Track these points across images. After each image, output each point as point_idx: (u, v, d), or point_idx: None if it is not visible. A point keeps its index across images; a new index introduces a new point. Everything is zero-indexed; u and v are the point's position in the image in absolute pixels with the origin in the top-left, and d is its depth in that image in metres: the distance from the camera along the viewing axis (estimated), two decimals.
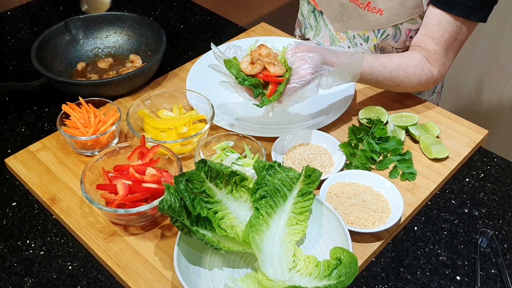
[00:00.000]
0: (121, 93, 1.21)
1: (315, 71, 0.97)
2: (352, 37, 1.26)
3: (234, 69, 0.96)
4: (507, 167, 1.09)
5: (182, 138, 1.03)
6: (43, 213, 0.98)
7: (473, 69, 2.21)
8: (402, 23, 1.17)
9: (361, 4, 1.18)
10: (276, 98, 0.95)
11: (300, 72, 0.96)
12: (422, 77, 1.13)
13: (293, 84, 0.96)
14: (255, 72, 0.95)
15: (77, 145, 1.05)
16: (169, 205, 0.80)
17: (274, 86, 0.96)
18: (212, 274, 0.85)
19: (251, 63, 0.96)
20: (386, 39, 1.21)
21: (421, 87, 1.16)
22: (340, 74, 1.01)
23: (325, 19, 1.30)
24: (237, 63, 0.98)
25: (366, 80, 1.10)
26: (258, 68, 0.95)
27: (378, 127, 1.10)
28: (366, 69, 1.07)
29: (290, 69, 0.97)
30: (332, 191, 0.98)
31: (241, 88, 0.98)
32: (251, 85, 0.95)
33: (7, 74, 1.34)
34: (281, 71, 0.96)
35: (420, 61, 1.13)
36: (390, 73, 1.10)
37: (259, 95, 0.96)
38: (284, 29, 1.49)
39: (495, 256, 0.92)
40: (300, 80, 0.96)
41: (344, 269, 0.79)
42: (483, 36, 2.08)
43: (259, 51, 0.98)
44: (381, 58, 1.10)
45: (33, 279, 0.88)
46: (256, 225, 0.83)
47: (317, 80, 0.97)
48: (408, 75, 1.12)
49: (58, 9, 1.60)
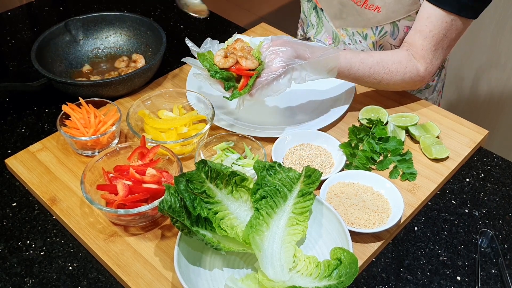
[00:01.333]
0: (121, 94, 1.21)
1: (286, 64, 0.98)
2: (352, 34, 1.26)
3: (207, 63, 0.98)
4: (507, 167, 1.09)
5: (182, 138, 1.03)
6: (43, 214, 0.98)
7: (474, 68, 2.21)
8: (400, 20, 1.17)
9: (358, 2, 1.18)
10: (246, 91, 0.97)
11: (272, 66, 0.98)
12: (405, 74, 1.12)
13: (264, 77, 0.97)
14: (228, 66, 0.98)
15: (77, 145, 1.05)
16: (169, 205, 0.80)
17: (245, 80, 0.98)
18: (212, 275, 0.85)
19: (225, 56, 0.98)
20: (384, 36, 1.21)
21: (406, 85, 1.15)
22: (314, 69, 1.02)
23: (325, 16, 1.30)
24: (211, 57, 1.00)
25: (344, 76, 1.09)
26: (231, 61, 0.98)
27: (378, 127, 1.10)
28: (343, 64, 1.07)
29: (262, 63, 0.99)
30: (332, 191, 0.98)
31: (214, 81, 1.00)
32: (223, 78, 0.97)
33: (7, 75, 1.35)
34: (253, 64, 0.98)
35: (404, 58, 1.12)
36: (370, 69, 1.09)
37: (230, 88, 0.98)
38: (284, 29, 1.49)
39: (496, 256, 0.92)
40: (270, 73, 0.97)
41: (344, 269, 0.79)
42: (483, 34, 2.08)
43: (234, 45, 1.00)
44: (360, 54, 1.10)
45: (33, 280, 0.88)
46: (256, 225, 0.83)
47: (289, 74, 0.99)
48: (390, 71, 1.11)
49: (58, 9, 1.60)
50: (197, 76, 1.02)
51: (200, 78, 1.02)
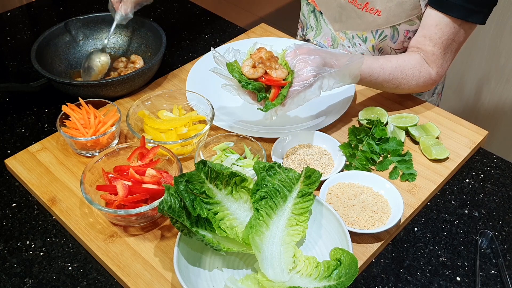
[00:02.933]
0: (121, 94, 1.21)
1: (317, 73, 0.96)
2: (351, 37, 1.26)
3: (236, 73, 0.96)
4: (507, 168, 1.09)
5: (182, 139, 1.03)
6: (43, 214, 0.98)
7: (473, 69, 2.21)
8: (400, 24, 1.17)
9: (359, 5, 1.18)
10: (280, 101, 0.94)
11: (303, 75, 0.96)
12: (420, 79, 1.13)
13: (296, 87, 0.95)
14: (257, 76, 0.96)
15: (77, 146, 1.05)
16: (169, 206, 0.80)
17: (276, 90, 0.96)
18: (212, 275, 0.85)
19: (253, 66, 0.96)
20: (384, 39, 1.21)
21: (419, 89, 1.16)
22: (341, 76, 1.01)
23: (324, 19, 1.30)
24: (238, 66, 0.98)
25: (365, 82, 1.10)
26: (260, 71, 0.95)
27: (378, 128, 1.10)
28: (365, 70, 1.07)
29: (292, 72, 0.97)
30: (332, 192, 0.98)
31: (243, 92, 0.98)
32: (255, 89, 0.95)
33: (7, 75, 1.35)
34: (283, 74, 0.96)
35: (418, 63, 1.13)
36: (389, 75, 1.10)
37: (263, 99, 0.96)
38: (284, 29, 1.49)
39: (495, 257, 0.92)
40: (302, 83, 0.95)
41: (344, 270, 0.79)
42: (483, 36, 2.08)
43: (260, 54, 0.98)
44: (380, 59, 1.10)
45: (33, 280, 0.88)
46: (256, 226, 0.83)
47: (319, 82, 0.97)
48: (407, 76, 1.12)
49: (58, 10, 1.60)
50: (225, 87, 0.99)
51: (228, 89, 0.99)
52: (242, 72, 0.97)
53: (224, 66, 0.98)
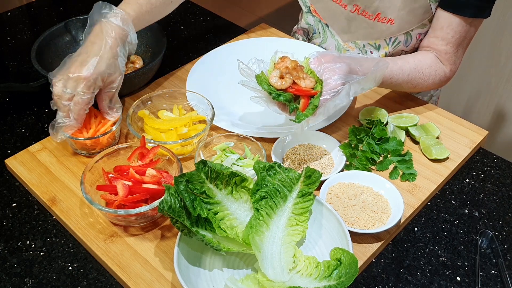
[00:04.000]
0: (121, 94, 1.21)
1: (345, 81, 0.96)
2: (362, 46, 1.26)
3: (265, 84, 0.94)
4: (507, 168, 1.09)
5: (182, 139, 1.03)
6: (43, 214, 0.98)
7: (473, 69, 2.21)
8: (413, 29, 1.18)
9: (370, 16, 1.18)
10: (311, 112, 0.93)
11: (331, 83, 0.94)
12: (436, 77, 1.15)
13: (326, 96, 0.94)
14: (286, 86, 0.94)
15: (77, 145, 1.05)
16: (169, 205, 0.80)
17: (306, 100, 0.94)
18: (212, 275, 0.85)
19: (281, 77, 0.94)
20: (398, 45, 1.22)
21: (434, 86, 1.18)
22: (367, 82, 1.00)
23: (331, 31, 1.29)
24: (265, 77, 0.96)
25: (386, 84, 1.11)
26: (288, 82, 0.93)
27: (378, 128, 1.10)
28: (387, 74, 1.07)
29: (320, 81, 0.96)
30: (332, 191, 0.98)
31: (273, 103, 0.96)
32: (286, 100, 0.93)
33: (7, 75, 1.35)
34: (311, 83, 0.95)
35: (433, 61, 1.15)
36: (408, 76, 1.11)
37: (294, 109, 0.94)
38: (285, 29, 1.49)
39: (495, 256, 0.92)
40: (332, 91, 0.94)
41: (344, 269, 0.79)
42: (483, 36, 2.08)
43: (285, 64, 0.96)
44: (398, 61, 1.11)
45: (33, 280, 0.88)
46: (256, 226, 0.83)
47: (347, 89, 0.96)
48: (424, 76, 1.13)
49: (58, 10, 1.60)
50: (254, 99, 0.97)
51: (257, 100, 0.97)
52: (270, 83, 0.95)
53: (250, 77, 0.96)
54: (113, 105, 1.06)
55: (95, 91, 1.01)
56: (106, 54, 1.01)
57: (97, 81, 1.00)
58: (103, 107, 1.05)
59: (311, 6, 1.31)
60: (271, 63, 0.99)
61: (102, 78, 1.01)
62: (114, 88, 1.05)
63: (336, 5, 1.22)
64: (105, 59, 1.01)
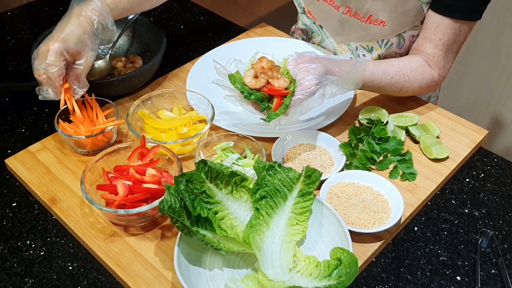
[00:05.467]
0: (121, 94, 1.21)
1: (319, 81, 0.96)
2: (355, 48, 1.26)
3: (238, 84, 0.96)
4: (507, 167, 1.09)
5: (182, 138, 1.03)
6: (43, 214, 0.98)
7: (473, 69, 2.21)
8: (406, 31, 1.17)
9: (362, 18, 1.18)
10: (282, 111, 0.94)
11: (305, 83, 0.96)
12: (423, 81, 1.13)
13: (299, 96, 0.95)
14: (259, 86, 0.96)
15: (74, 144, 1.05)
16: (169, 205, 0.80)
17: (279, 99, 0.96)
18: (212, 275, 0.85)
19: (255, 77, 0.96)
20: (390, 47, 1.21)
21: (422, 91, 1.16)
22: (343, 83, 1.01)
23: (325, 32, 1.30)
24: (240, 77, 0.98)
25: (368, 87, 1.10)
26: (262, 82, 0.96)
27: (378, 128, 1.10)
28: (367, 76, 1.07)
29: (294, 81, 0.97)
30: (332, 191, 0.98)
31: (246, 102, 0.98)
32: (257, 99, 0.95)
33: (7, 75, 1.35)
34: (285, 83, 0.96)
35: (420, 65, 1.13)
36: (391, 79, 1.10)
37: (265, 108, 0.96)
38: (284, 29, 1.49)
39: (495, 256, 0.92)
40: (305, 91, 0.95)
41: (344, 269, 0.79)
42: (483, 36, 2.08)
43: (261, 64, 0.98)
44: (381, 64, 1.10)
45: (33, 280, 0.88)
46: (256, 225, 0.83)
47: (321, 90, 0.97)
48: (409, 79, 1.12)
49: (58, 9, 1.60)
50: (228, 98, 1.00)
51: (230, 99, 1.00)
52: (244, 83, 0.97)
53: (226, 77, 0.98)
54: (80, 85, 1.06)
55: (61, 64, 1.01)
56: (76, 31, 1.03)
57: (63, 54, 1.01)
58: (70, 84, 1.05)
59: (305, 7, 1.31)
60: (250, 64, 1.01)
61: (68, 52, 1.02)
62: (82, 66, 1.04)
63: (329, 7, 1.22)
64: (74, 35, 1.02)
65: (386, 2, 1.13)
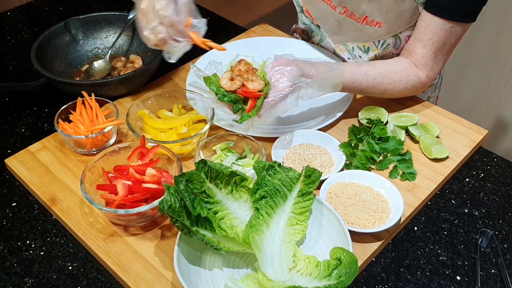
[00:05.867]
0: (121, 93, 1.21)
1: (293, 83, 0.97)
2: (352, 49, 1.26)
3: (214, 86, 0.98)
4: (507, 167, 1.09)
5: (182, 138, 1.03)
6: (43, 214, 0.98)
7: (473, 69, 2.21)
8: (402, 32, 1.17)
9: (358, 19, 1.17)
10: (254, 113, 0.97)
11: (278, 86, 0.97)
12: (408, 83, 1.13)
13: (271, 98, 0.97)
14: (235, 88, 0.98)
15: (74, 143, 1.05)
16: (169, 205, 0.80)
17: (253, 101, 0.98)
18: (212, 275, 0.85)
19: (231, 79, 0.98)
20: (387, 48, 1.21)
21: (409, 92, 1.16)
22: (320, 85, 1.02)
23: (323, 32, 1.30)
24: (217, 79, 1.00)
25: (349, 89, 1.10)
26: (238, 84, 0.98)
27: (378, 127, 1.10)
28: (348, 78, 1.07)
29: (268, 83, 0.99)
30: (332, 191, 0.98)
31: (222, 104, 1.00)
32: (231, 101, 0.97)
33: (7, 75, 1.35)
34: (259, 86, 0.98)
35: (406, 67, 1.12)
36: (373, 81, 1.10)
37: (238, 110, 0.98)
38: (284, 29, 1.49)
39: (495, 256, 0.92)
40: (277, 94, 0.97)
41: (344, 269, 0.79)
42: (483, 36, 2.08)
43: (239, 67, 1.00)
44: (363, 66, 1.10)
45: (33, 280, 0.88)
46: (256, 225, 0.83)
47: (296, 93, 0.99)
48: (393, 81, 1.11)
49: (58, 9, 1.60)
50: (204, 100, 1.02)
51: (207, 102, 1.02)
52: (220, 85, 0.99)
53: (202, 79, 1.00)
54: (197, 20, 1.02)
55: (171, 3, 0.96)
56: None
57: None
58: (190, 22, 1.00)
59: (304, 6, 1.31)
60: (229, 66, 1.03)
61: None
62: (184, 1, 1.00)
63: (326, 6, 1.22)
64: None
65: (382, 3, 1.12)
